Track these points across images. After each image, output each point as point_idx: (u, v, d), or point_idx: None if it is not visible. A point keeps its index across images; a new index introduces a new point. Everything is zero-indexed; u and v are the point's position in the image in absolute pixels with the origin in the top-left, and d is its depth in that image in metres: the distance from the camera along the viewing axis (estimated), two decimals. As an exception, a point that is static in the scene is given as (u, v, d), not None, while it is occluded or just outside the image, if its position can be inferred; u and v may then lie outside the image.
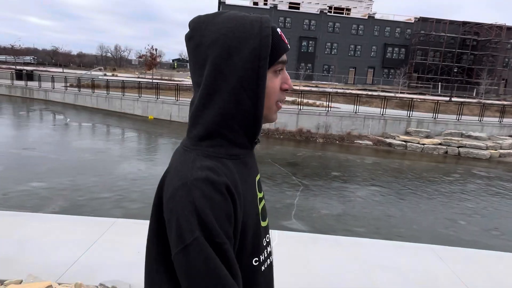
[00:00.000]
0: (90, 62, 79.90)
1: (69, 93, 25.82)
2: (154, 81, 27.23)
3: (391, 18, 48.20)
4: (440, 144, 17.49)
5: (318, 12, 46.64)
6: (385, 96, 20.85)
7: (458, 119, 19.33)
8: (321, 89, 30.99)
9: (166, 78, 33.93)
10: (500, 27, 45.76)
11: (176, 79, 34.20)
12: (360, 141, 18.09)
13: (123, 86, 22.88)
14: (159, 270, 0.81)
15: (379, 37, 47.67)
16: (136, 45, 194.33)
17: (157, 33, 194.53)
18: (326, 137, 18.33)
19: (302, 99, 19.84)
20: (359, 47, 47.46)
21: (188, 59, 0.87)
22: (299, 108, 19.05)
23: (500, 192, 11.57)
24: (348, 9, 51.43)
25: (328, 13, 47.96)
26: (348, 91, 30.96)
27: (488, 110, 21.52)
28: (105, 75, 34.91)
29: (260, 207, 0.89)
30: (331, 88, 33.15)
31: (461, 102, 20.50)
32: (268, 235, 0.94)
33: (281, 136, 18.34)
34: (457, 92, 45.39)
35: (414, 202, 9.99)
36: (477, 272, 3.69)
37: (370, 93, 29.76)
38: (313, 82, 42.53)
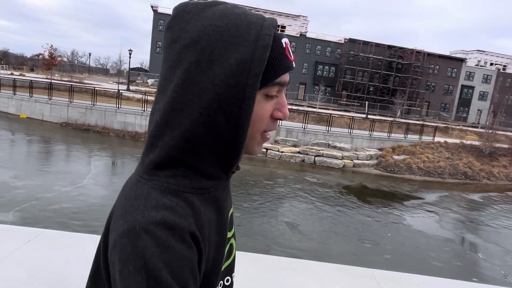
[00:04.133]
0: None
1: None
2: (35, 79, 26.25)
3: (322, 37, 50.09)
4: (298, 152, 17.91)
5: (252, 27, 47.67)
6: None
7: (328, 130, 19.99)
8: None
9: (76, 80, 32.94)
10: (419, 52, 48.71)
11: (87, 81, 33.24)
12: (226, 148, 18.17)
13: (-1, 84, 21.87)
14: None
15: (311, 55, 49.30)
16: (100, 52, 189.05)
17: (124, 42, 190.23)
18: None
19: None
20: (291, 63, 48.72)
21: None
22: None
23: (300, 196, 11.85)
24: (283, 27, 52.93)
25: (262, 29, 49.10)
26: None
27: (400, 128, 22.95)
28: (12, 74, 33.40)
29: (226, 249, 0.70)
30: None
31: (330, 114, 21.24)
32: (228, 277, 0.74)
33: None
34: (380, 111, 47.66)
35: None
36: None
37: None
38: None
